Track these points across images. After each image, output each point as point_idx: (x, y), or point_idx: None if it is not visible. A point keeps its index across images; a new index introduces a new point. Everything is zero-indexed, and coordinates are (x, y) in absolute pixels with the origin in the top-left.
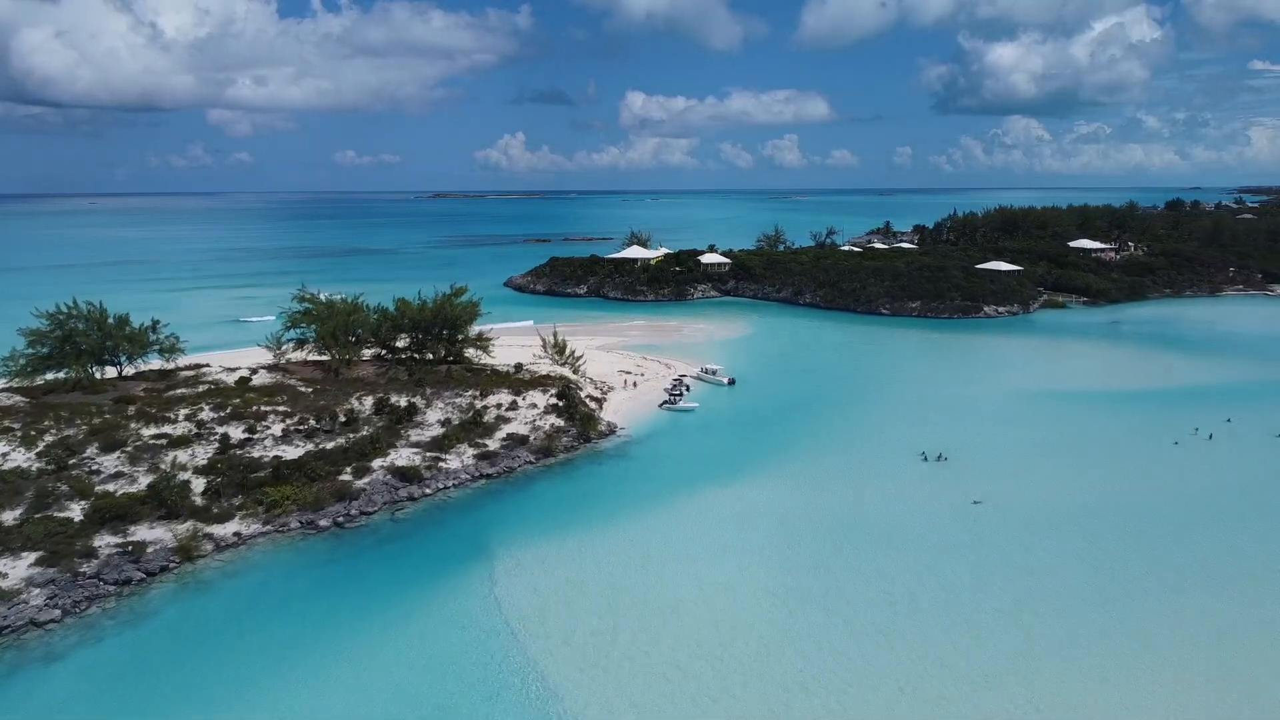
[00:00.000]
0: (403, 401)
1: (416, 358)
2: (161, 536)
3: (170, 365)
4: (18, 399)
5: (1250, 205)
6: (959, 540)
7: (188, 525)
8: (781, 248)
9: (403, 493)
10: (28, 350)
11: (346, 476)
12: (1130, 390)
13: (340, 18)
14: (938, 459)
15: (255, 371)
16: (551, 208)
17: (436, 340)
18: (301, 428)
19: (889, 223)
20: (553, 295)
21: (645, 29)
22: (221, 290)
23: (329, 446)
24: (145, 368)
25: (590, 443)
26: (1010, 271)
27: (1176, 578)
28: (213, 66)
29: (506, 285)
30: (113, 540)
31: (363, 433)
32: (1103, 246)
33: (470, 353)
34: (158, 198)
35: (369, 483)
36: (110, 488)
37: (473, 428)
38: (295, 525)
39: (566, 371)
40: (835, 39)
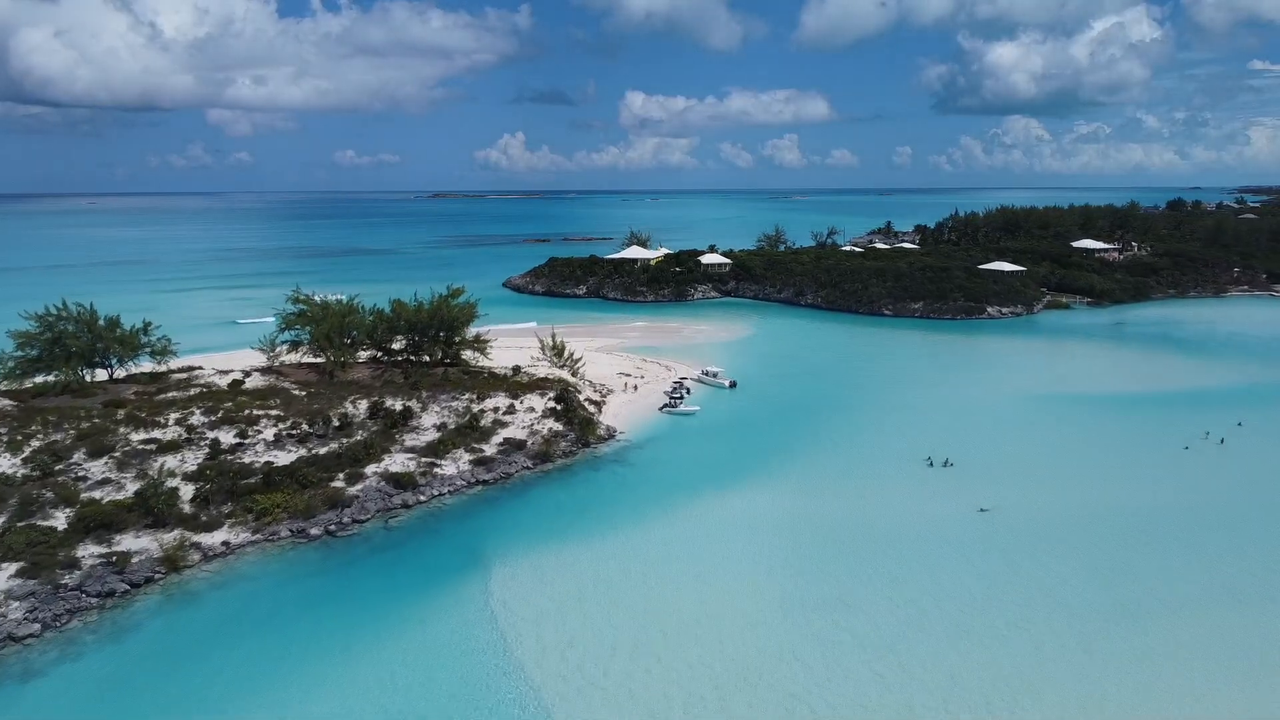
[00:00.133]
0: (398, 405)
1: (413, 360)
2: (147, 546)
3: (162, 368)
4: (5, 403)
5: (1251, 205)
6: (968, 550)
7: (175, 534)
8: (782, 248)
9: (396, 500)
10: (16, 353)
11: (339, 483)
12: (1137, 393)
13: (339, 17)
14: (944, 464)
15: (248, 374)
16: (551, 208)
17: (433, 342)
18: (294, 432)
19: (890, 223)
20: (552, 296)
21: (645, 29)
22: (218, 291)
23: (322, 452)
24: (137, 370)
25: (589, 447)
26: (1013, 272)
27: (1193, 590)
28: (212, 66)
29: (505, 286)
30: (97, 550)
31: (356, 437)
32: (1106, 247)
33: (467, 355)
34: (157, 197)
35: (362, 489)
36: (97, 495)
37: (469, 432)
38: (285, 534)
39: (565, 374)
40: (835, 39)
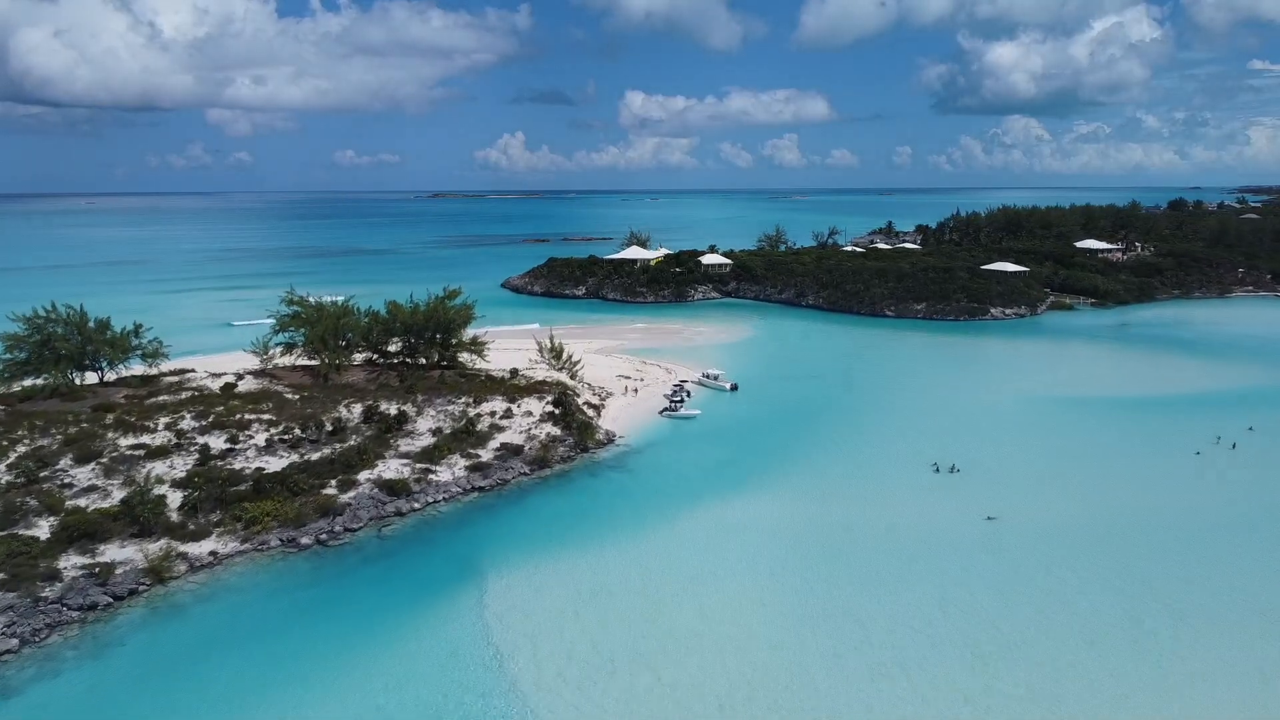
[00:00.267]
0: (392, 409)
1: (408, 363)
2: (132, 556)
3: (153, 371)
4: None
5: (1253, 205)
6: (977, 560)
7: (161, 544)
8: (783, 248)
9: (390, 507)
10: (4, 356)
11: (331, 490)
12: (1145, 396)
13: (339, 17)
14: (950, 470)
15: (241, 377)
16: (551, 207)
17: (429, 345)
18: (286, 437)
19: (891, 223)
20: (551, 296)
21: (644, 28)
22: (214, 292)
23: (314, 457)
24: (128, 373)
25: (588, 453)
26: (1016, 272)
27: (1214, 603)
28: (211, 66)
29: (504, 286)
30: (80, 561)
31: (350, 442)
32: (1109, 247)
33: (464, 357)
34: (157, 197)
35: (354, 497)
36: (82, 502)
37: (465, 437)
38: (275, 543)
39: (564, 377)
40: (834, 38)
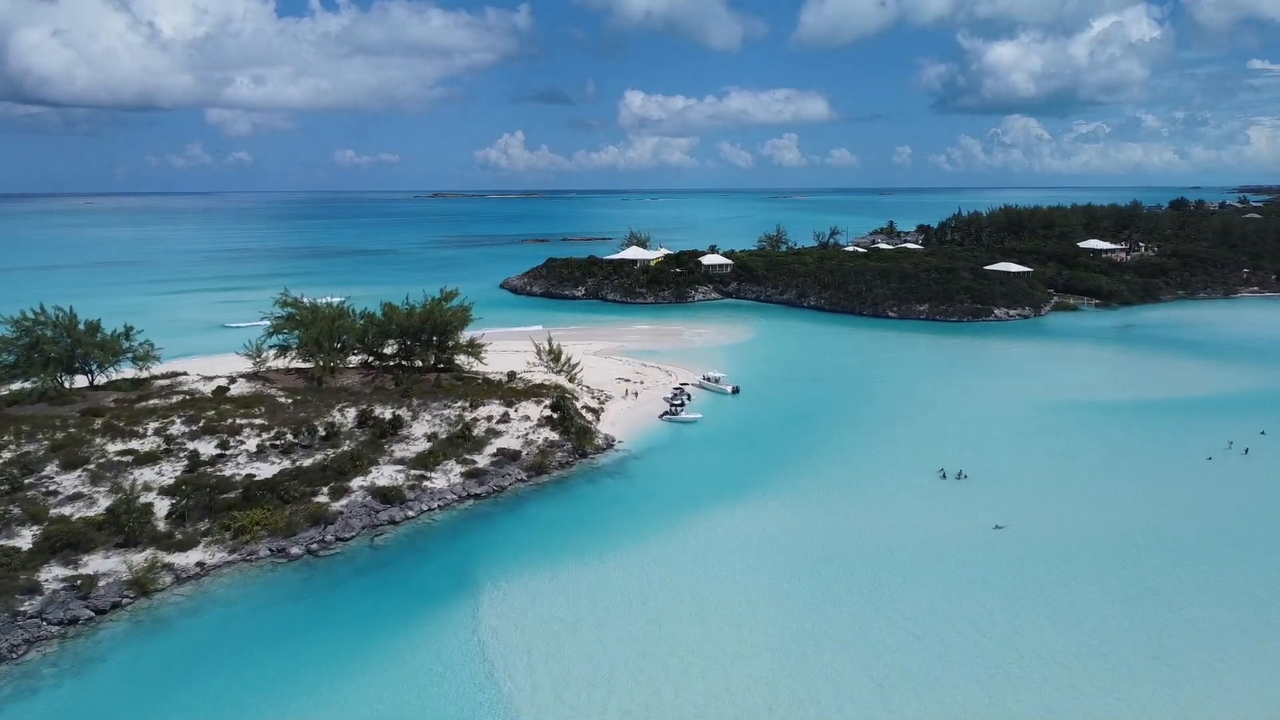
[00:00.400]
0: (387, 413)
1: (404, 365)
2: (116, 568)
3: (144, 374)
4: None
5: (1254, 205)
6: (989, 572)
7: (146, 554)
8: (784, 248)
9: (383, 516)
10: None
11: (323, 498)
12: (1153, 399)
13: (339, 17)
14: (957, 477)
15: (234, 380)
16: (550, 207)
17: (425, 347)
18: (278, 443)
19: (893, 222)
20: (550, 297)
21: (644, 28)
22: (210, 293)
23: (306, 464)
24: (118, 376)
25: (586, 458)
26: (1020, 273)
27: (1235, 617)
28: (211, 66)
29: (503, 287)
30: (62, 573)
31: (343, 448)
32: (1113, 247)
33: (461, 360)
34: (156, 197)
35: (347, 505)
36: (66, 511)
37: (461, 442)
38: (264, 553)
39: (562, 380)
40: (834, 38)
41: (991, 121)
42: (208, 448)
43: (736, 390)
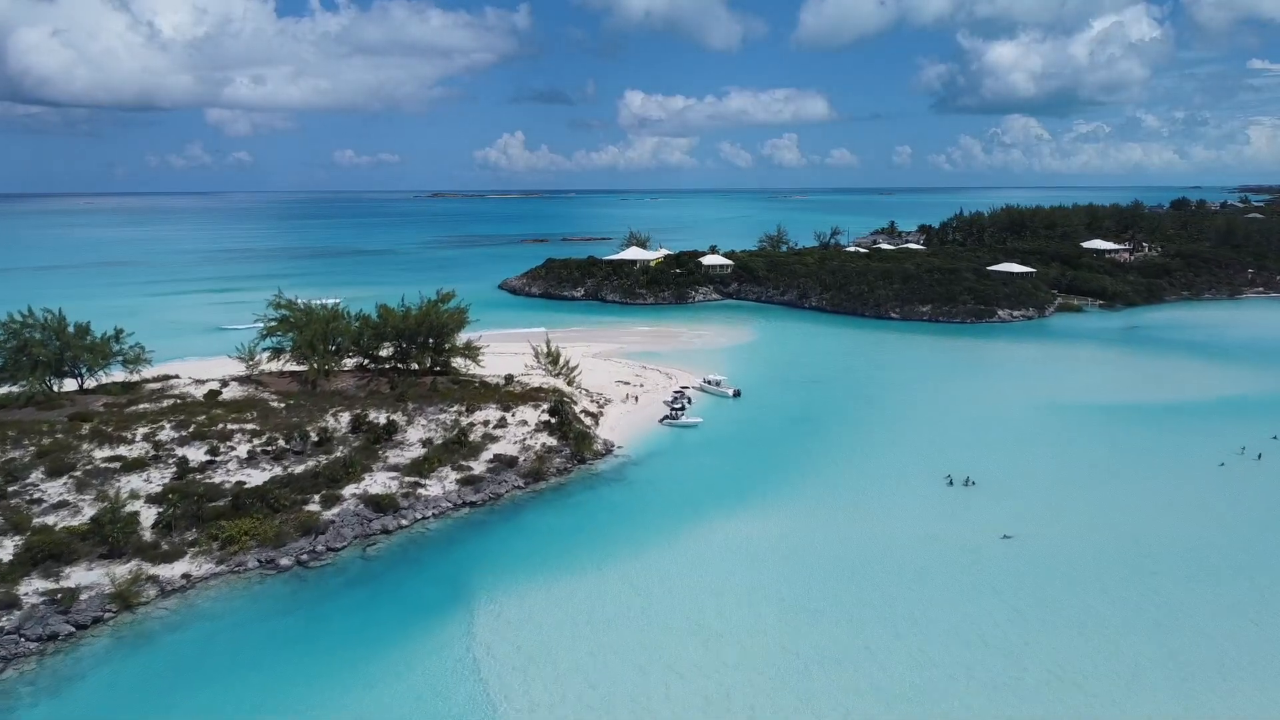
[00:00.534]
0: (382, 418)
1: (400, 368)
2: (99, 581)
3: (135, 377)
4: None
5: (1256, 205)
6: (999, 585)
7: (131, 566)
8: (784, 248)
9: (376, 525)
10: None
11: (314, 506)
12: (1161, 402)
13: (338, 16)
14: (965, 483)
15: (226, 384)
16: (550, 207)
17: (421, 350)
18: (270, 448)
19: (894, 222)
20: (549, 298)
21: (644, 28)
22: (207, 294)
23: (298, 470)
24: (109, 380)
25: (585, 464)
26: (1023, 274)
27: (1256, 635)
28: (210, 66)
29: (501, 288)
30: (42, 586)
31: (336, 454)
32: (1117, 247)
33: (458, 362)
34: (156, 197)
35: (338, 514)
36: (50, 520)
37: (457, 448)
38: (253, 564)
39: (560, 383)
40: (834, 38)
41: (991, 121)
42: (197, 454)
43: (738, 393)
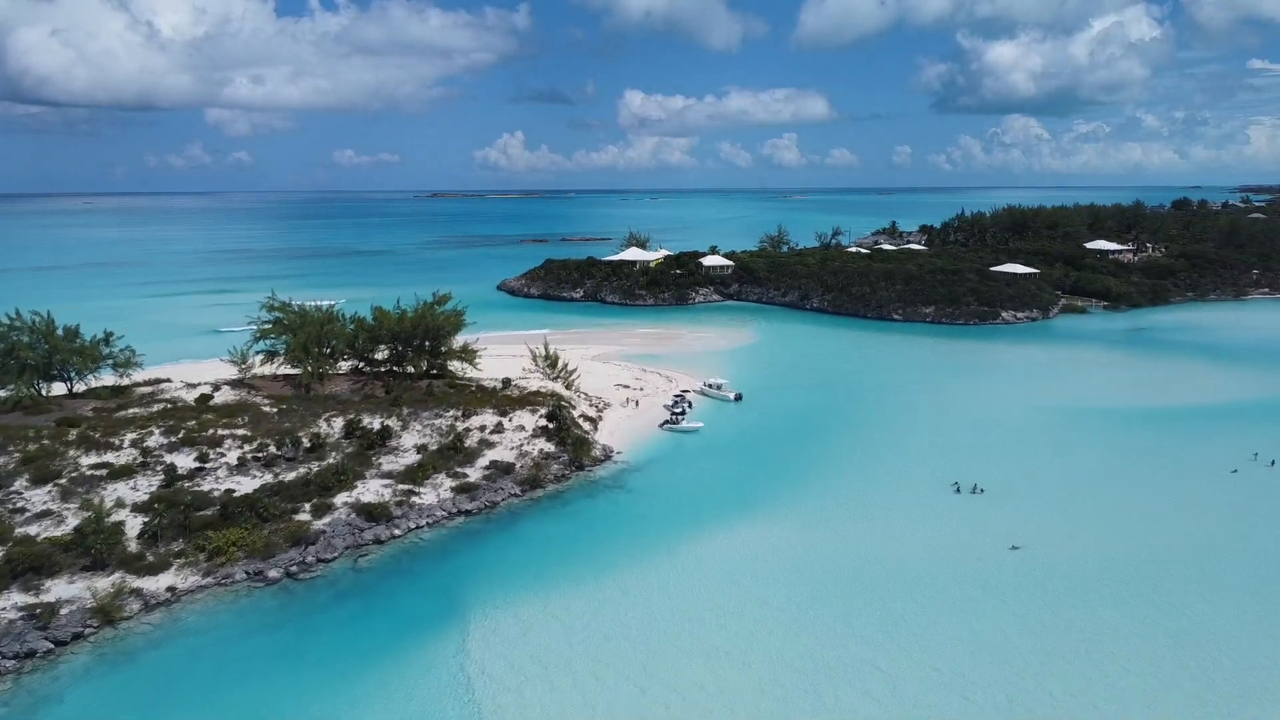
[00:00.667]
0: (376, 424)
1: (396, 371)
2: (80, 594)
3: (126, 381)
4: None
5: (1257, 205)
6: (1009, 598)
7: (114, 578)
8: (785, 249)
9: (368, 535)
10: None
11: (304, 515)
12: (1170, 406)
13: (338, 16)
14: (972, 490)
15: (218, 388)
16: (550, 207)
17: (417, 353)
18: (260, 455)
19: (895, 223)
20: (547, 299)
21: (644, 28)
22: (203, 295)
23: (289, 478)
24: (98, 384)
25: (583, 470)
26: (1027, 274)
27: None
28: (210, 65)
29: (500, 289)
30: (21, 600)
31: (329, 460)
32: (1120, 248)
33: (455, 366)
34: (155, 197)
35: (330, 523)
36: (33, 530)
37: (452, 454)
38: (240, 576)
39: (559, 387)
40: (834, 38)
41: (991, 121)
42: (186, 460)
43: (739, 397)
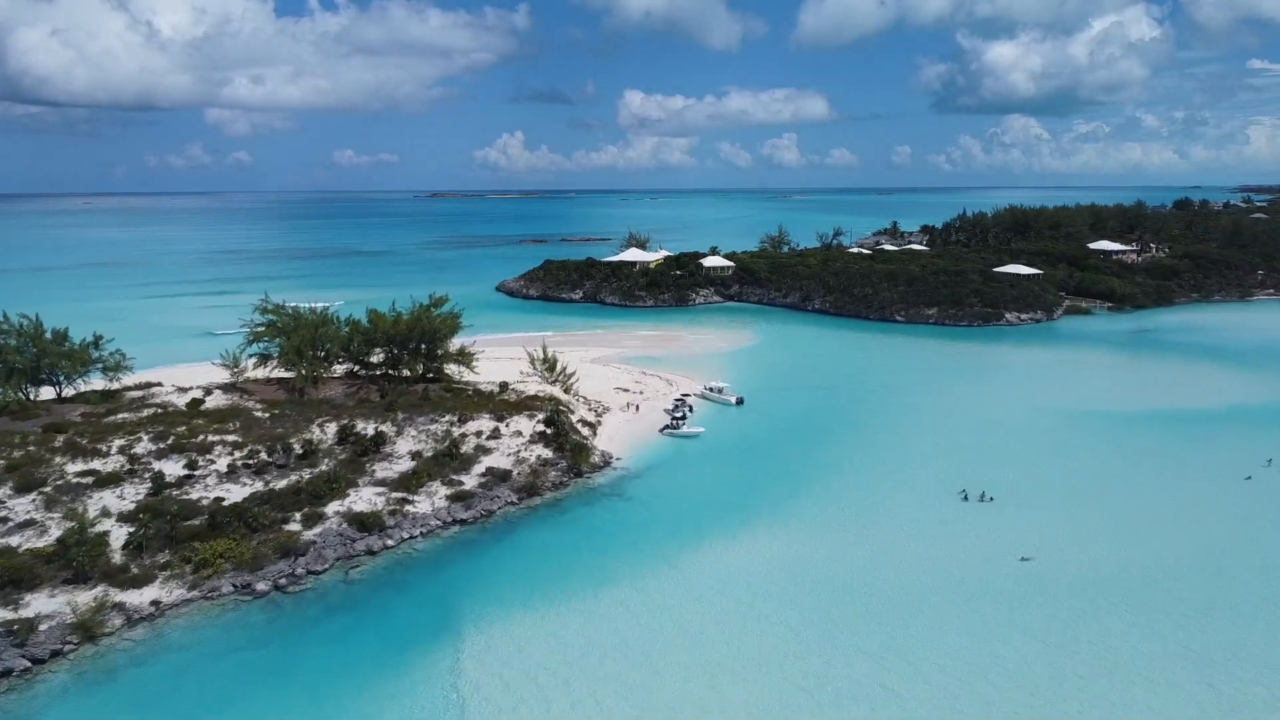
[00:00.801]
0: (370, 429)
1: (391, 375)
2: (60, 609)
3: (116, 385)
4: None
5: (1258, 205)
6: (1025, 613)
7: (96, 592)
8: (786, 249)
9: (360, 545)
10: None
11: (295, 525)
12: (1180, 410)
13: (337, 16)
14: (980, 498)
15: (210, 392)
16: (550, 207)
17: (413, 356)
18: (251, 462)
19: (896, 223)
20: (546, 300)
21: (644, 28)
22: (200, 297)
23: (280, 486)
24: (87, 388)
25: (582, 477)
26: (1030, 275)
27: None
28: (210, 65)
29: (499, 290)
30: None
31: (321, 467)
32: (1124, 248)
33: (452, 369)
34: (155, 197)
35: (320, 533)
36: (15, 541)
37: (448, 461)
38: (227, 589)
39: (557, 391)
40: (834, 38)
41: (991, 121)
42: (175, 468)
43: (741, 401)
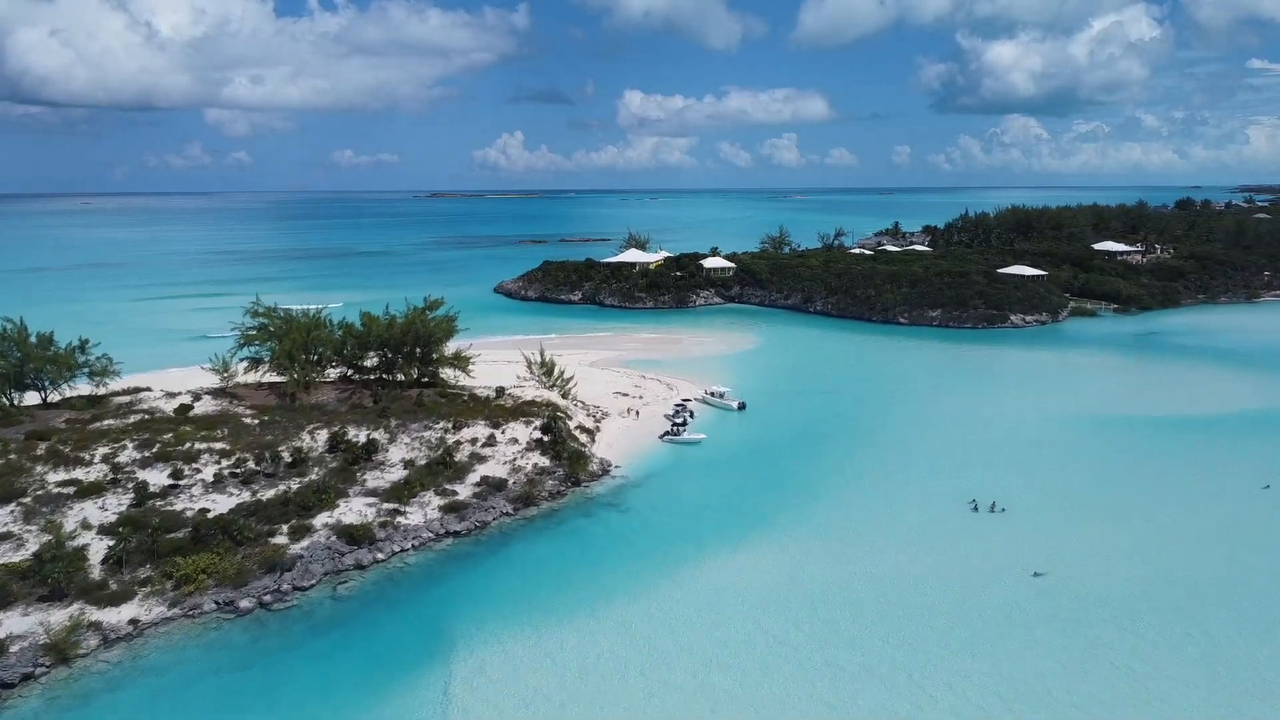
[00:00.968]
0: (362, 436)
1: (385, 379)
2: (33, 629)
3: (103, 390)
4: None
5: (1260, 205)
6: (1037, 633)
7: (72, 610)
8: (787, 250)
9: (349, 559)
10: None
11: (281, 538)
12: (1191, 415)
13: (337, 16)
14: (991, 509)
15: (199, 397)
16: (549, 207)
17: (407, 360)
18: (238, 471)
19: (898, 223)
20: (545, 302)
21: (643, 28)
22: (196, 299)
23: (268, 496)
24: (73, 393)
25: (580, 486)
26: (1035, 277)
27: None
28: (209, 66)
29: (497, 291)
30: None
31: (310, 476)
32: (1129, 249)
33: (447, 373)
34: (155, 197)
35: (308, 547)
36: None
37: (441, 469)
38: (210, 607)
39: (555, 396)
40: (833, 37)
41: (991, 121)
42: (159, 477)
43: (743, 406)
